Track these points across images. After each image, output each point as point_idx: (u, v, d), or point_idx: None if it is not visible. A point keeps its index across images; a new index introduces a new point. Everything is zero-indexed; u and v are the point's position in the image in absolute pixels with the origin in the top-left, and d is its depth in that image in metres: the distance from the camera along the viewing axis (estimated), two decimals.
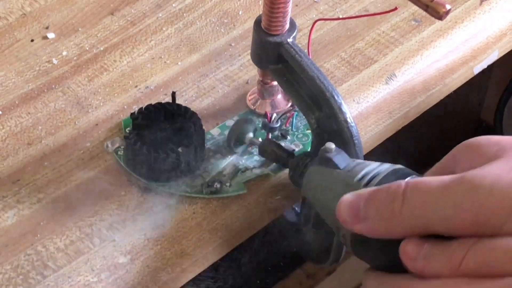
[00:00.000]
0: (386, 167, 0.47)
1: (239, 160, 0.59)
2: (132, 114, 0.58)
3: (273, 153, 0.57)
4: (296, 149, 0.59)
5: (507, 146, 0.43)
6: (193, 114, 0.58)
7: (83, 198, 0.56)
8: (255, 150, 0.59)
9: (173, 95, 0.59)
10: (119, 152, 0.59)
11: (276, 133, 0.60)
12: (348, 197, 0.45)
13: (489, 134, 0.45)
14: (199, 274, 0.56)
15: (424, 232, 0.42)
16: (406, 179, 0.43)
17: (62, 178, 0.57)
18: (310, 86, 0.55)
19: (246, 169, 0.58)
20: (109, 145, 0.59)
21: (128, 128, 0.58)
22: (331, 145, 0.50)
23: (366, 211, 0.43)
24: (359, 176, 0.47)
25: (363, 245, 0.45)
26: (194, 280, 0.56)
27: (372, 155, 0.61)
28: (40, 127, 0.61)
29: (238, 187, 0.57)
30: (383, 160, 0.48)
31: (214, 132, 0.60)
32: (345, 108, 0.53)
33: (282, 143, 0.60)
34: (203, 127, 0.58)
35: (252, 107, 0.62)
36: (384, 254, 0.44)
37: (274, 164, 0.58)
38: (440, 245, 0.41)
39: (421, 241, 0.42)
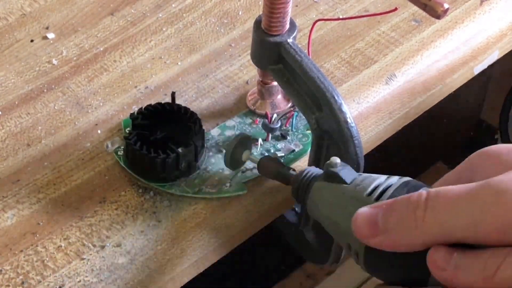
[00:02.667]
0: (395, 179, 0.45)
1: None
2: (132, 114, 0.58)
3: (274, 170, 0.54)
4: (296, 149, 0.59)
5: None
6: (193, 114, 0.58)
7: (83, 198, 0.56)
8: (255, 150, 0.59)
9: (173, 95, 0.59)
10: (119, 152, 0.59)
11: (276, 133, 0.60)
12: (365, 210, 0.43)
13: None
14: (199, 275, 0.56)
15: (447, 241, 0.40)
16: (426, 189, 0.42)
17: (62, 178, 0.58)
18: (310, 86, 0.55)
19: (246, 169, 0.58)
20: (109, 145, 0.59)
21: (128, 129, 0.58)
22: (336, 160, 0.48)
23: (385, 223, 0.42)
24: (369, 190, 0.45)
25: (378, 261, 0.43)
26: (194, 281, 0.56)
27: (371, 156, 0.61)
28: (40, 128, 0.61)
29: (238, 187, 0.57)
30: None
31: (214, 132, 0.60)
32: (345, 108, 0.53)
33: (282, 144, 0.60)
34: (203, 127, 0.58)
35: (252, 107, 0.62)
36: (401, 269, 0.43)
37: None
38: (471, 254, 0.39)
39: (450, 250, 0.40)
